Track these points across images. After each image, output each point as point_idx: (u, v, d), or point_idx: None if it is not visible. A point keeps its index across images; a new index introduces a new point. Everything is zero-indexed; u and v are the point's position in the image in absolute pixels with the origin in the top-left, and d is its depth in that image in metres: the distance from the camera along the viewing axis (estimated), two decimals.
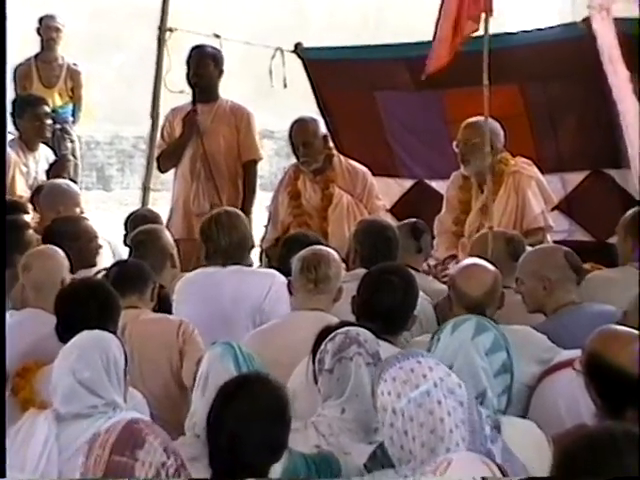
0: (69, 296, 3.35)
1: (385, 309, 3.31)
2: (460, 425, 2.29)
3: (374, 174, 5.41)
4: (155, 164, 5.69)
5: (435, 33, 4.16)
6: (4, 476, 2.72)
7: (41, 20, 7.08)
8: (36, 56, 7.16)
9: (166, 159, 5.61)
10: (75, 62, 7.25)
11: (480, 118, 4.86)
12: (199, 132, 5.48)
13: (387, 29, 8.57)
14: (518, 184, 4.96)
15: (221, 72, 5.58)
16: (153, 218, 4.85)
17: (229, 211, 4.27)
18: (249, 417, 2.37)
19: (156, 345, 3.51)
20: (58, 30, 7.07)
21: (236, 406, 2.39)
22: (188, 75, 5.55)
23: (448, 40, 4.09)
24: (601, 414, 2.53)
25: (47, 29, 7.03)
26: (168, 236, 4.29)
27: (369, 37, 6.64)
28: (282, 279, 3.94)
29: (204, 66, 5.50)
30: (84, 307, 3.23)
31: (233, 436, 2.35)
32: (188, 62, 5.56)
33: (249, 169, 5.60)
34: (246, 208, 5.48)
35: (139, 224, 4.46)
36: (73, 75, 7.15)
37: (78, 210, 5.02)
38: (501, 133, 4.79)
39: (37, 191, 5.26)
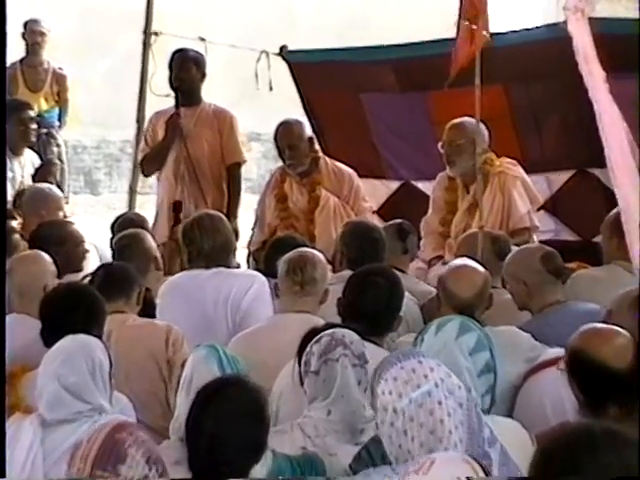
0: (54, 301, 3.34)
1: (370, 310, 3.32)
2: (459, 426, 2.30)
3: (360, 176, 5.42)
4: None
5: (457, 33, 4.14)
6: (4, 476, 2.72)
7: (26, 24, 7.06)
8: (21, 60, 7.14)
9: (149, 163, 5.60)
10: (61, 66, 7.23)
11: (465, 119, 4.87)
12: (182, 135, 5.48)
13: (373, 31, 8.57)
14: (504, 184, 4.98)
15: (204, 75, 5.57)
16: (140, 222, 4.84)
17: (211, 214, 4.27)
18: (227, 419, 2.38)
19: (143, 351, 3.50)
20: (43, 34, 7.05)
21: (214, 408, 2.40)
22: (170, 79, 5.55)
23: (467, 42, 4.09)
24: (583, 410, 2.55)
25: (32, 33, 7.02)
26: (151, 239, 4.30)
27: (355, 39, 6.64)
28: (263, 279, 3.95)
29: (186, 70, 5.49)
30: (69, 312, 3.22)
31: (212, 438, 2.37)
32: (170, 66, 5.55)
33: (233, 172, 5.60)
34: (232, 211, 5.49)
35: (126, 228, 4.46)
36: (59, 79, 7.14)
37: (61, 214, 5.01)
38: (486, 133, 4.81)
39: (19, 195, 5.24)
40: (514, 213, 4.94)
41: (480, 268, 3.52)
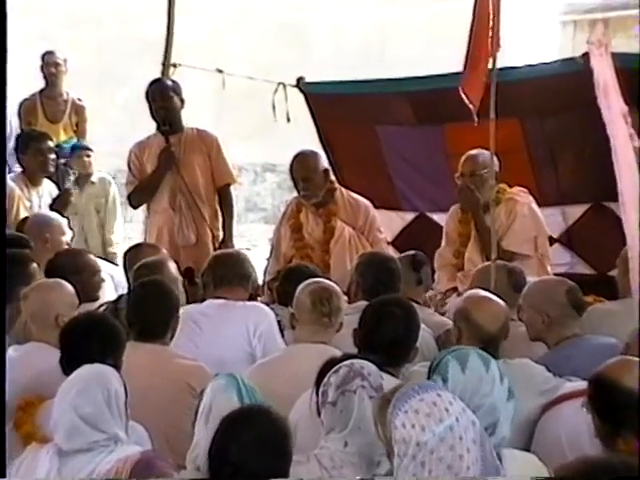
0: (71, 330, 3.35)
1: (387, 341, 3.31)
2: (475, 463, 2.29)
3: (376, 207, 5.43)
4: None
5: (466, 61, 4.14)
6: (4, 476, 2.72)
7: (43, 57, 7.15)
8: (41, 92, 7.21)
9: (140, 195, 5.59)
10: (80, 97, 7.30)
11: (481, 151, 4.88)
12: (176, 164, 5.51)
13: (389, 64, 8.63)
14: (511, 210, 5.00)
15: (183, 102, 5.59)
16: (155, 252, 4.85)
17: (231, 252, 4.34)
18: (251, 448, 2.38)
19: (172, 385, 3.48)
20: (58, 65, 7.12)
21: (239, 437, 2.40)
22: (152, 110, 5.55)
23: (483, 72, 4.10)
24: (601, 440, 2.55)
25: (47, 65, 7.09)
26: (172, 271, 4.31)
27: (371, 72, 6.69)
28: (269, 312, 4.01)
29: (169, 98, 5.51)
30: (84, 341, 3.22)
31: (235, 466, 2.36)
32: (148, 96, 5.55)
33: (224, 193, 5.60)
34: (227, 233, 5.53)
35: (142, 259, 4.46)
36: (78, 110, 7.20)
37: (64, 239, 5.02)
38: (497, 164, 4.82)
39: (22, 223, 5.25)
40: (510, 236, 4.94)
41: (500, 300, 3.53)
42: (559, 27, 9.34)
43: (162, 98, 5.51)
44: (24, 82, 6.95)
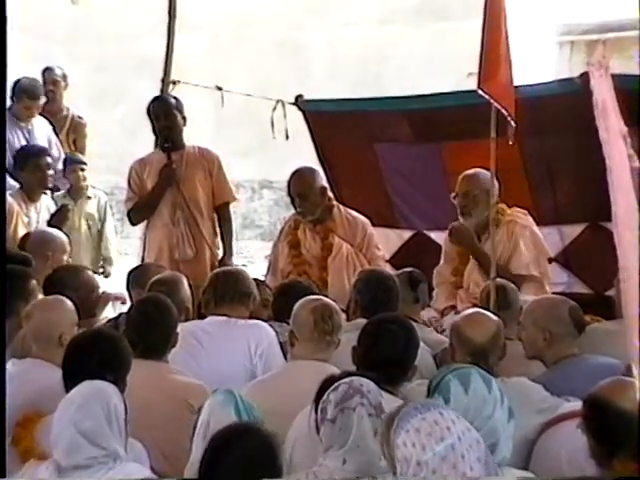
0: (71, 347, 3.35)
1: (386, 359, 3.32)
2: None
3: (373, 224, 5.44)
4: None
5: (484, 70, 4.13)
6: (4, 476, 2.72)
7: (43, 73, 7.15)
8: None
9: (140, 211, 5.61)
10: (80, 115, 7.31)
11: (478, 170, 4.90)
12: (176, 181, 5.52)
13: (387, 82, 8.66)
14: (512, 232, 5.01)
15: (185, 119, 5.61)
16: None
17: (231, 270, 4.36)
18: (239, 466, 2.38)
19: (171, 402, 3.48)
20: (55, 82, 7.12)
21: (226, 455, 2.41)
22: (154, 127, 5.58)
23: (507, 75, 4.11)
24: (596, 460, 2.55)
25: (45, 82, 7.11)
26: (187, 289, 4.33)
27: (369, 90, 6.72)
28: (270, 330, 4.02)
29: (172, 117, 5.53)
30: (83, 358, 3.22)
31: None
32: (150, 113, 5.57)
33: (223, 212, 5.63)
34: (226, 251, 5.54)
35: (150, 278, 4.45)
36: (77, 127, 7.20)
37: (66, 257, 5.03)
38: (496, 184, 4.84)
39: (24, 239, 5.26)
40: (515, 260, 4.95)
41: (493, 316, 3.54)
42: (556, 48, 9.39)
43: (166, 117, 5.53)
44: None
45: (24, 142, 6.55)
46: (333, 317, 3.61)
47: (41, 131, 6.61)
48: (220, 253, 5.59)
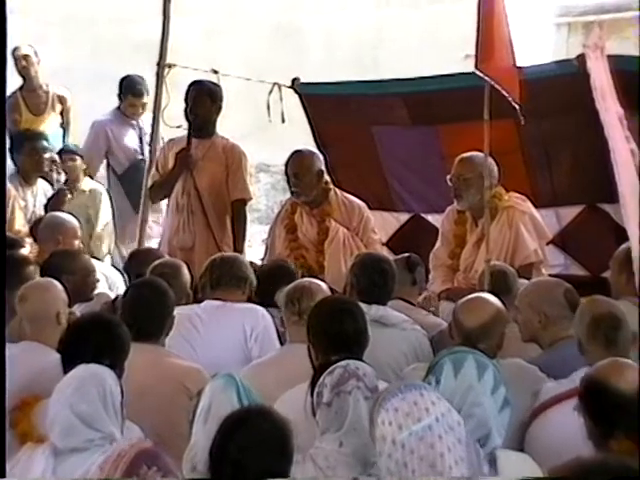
0: (67, 331, 3.35)
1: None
2: (459, 462, 2.29)
3: (370, 208, 5.44)
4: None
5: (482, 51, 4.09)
6: (4, 476, 2.73)
7: (13, 53, 7.08)
8: (21, 88, 7.17)
9: (157, 190, 5.62)
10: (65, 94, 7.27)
11: (474, 153, 4.90)
12: (190, 168, 5.50)
13: (383, 65, 8.63)
14: (512, 219, 4.99)
15: (219, 108, 5.60)
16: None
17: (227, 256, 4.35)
18: (252, 448, 2.39)
19: (168, 385, 3.48)
20: (26, 57, 7.07)
21: (239, 437, 2.41)
22: (186, 111, 5.59)
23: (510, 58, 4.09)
24: (593, 440, 2.57)
25: (17, 60, 7.06)
26: (188, 274, 4.33)
27: (365, 73, 6.70)
28: (264, 313, 4.03)
29: (201, 103, 5.52)
30: (79, 342, 3.21)
31: (236, 466, 2.37)
32: (186, 98, 5.60)
33: (237, 208, 5.57)
34: (238, 247, 5.49)
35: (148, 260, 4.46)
36: (61, 99, 7.17)
37: (77, 242, 5.04)
38: (495, 168, 4.83)
39: (36, 223, 5.28)
40: (521, 249, 4.94)
41: (494, 302, 3.53)
42: (553, 29, 9.37)
43: (194, 102, 5.51)
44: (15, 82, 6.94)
45: (136, 138, 6.53)
46: (302, 299, 3.63)
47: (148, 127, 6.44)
48: (227, 249, 5.49)
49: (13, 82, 6.94)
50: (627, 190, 2.27)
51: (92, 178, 6.49)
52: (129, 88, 6.61)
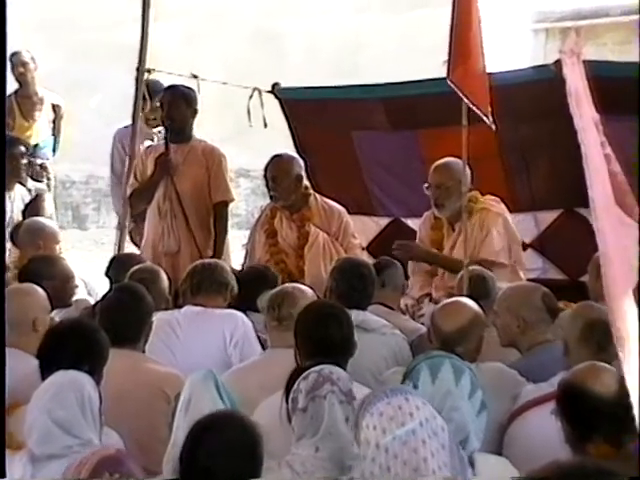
0: (46, 337, 3.33)
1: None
2: (442, 467, 2.30)
3: (350, 212, 5.45)
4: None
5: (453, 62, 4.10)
6: (4, 476, 2.71)
7: (11, 58, 7.09)
8: (15, 92, 7.18)
9: (137, 198, 5.60)
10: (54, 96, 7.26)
11: (449, 160, 4.93)
12: (170, 173, 5.49)
13: (363, 70, 8.66)
14: (484, 221, 5.02)
15: (195, 112, 5.59)
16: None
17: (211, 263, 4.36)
18: (221, 453, 2.39)
19: (146, 391, 3.48)
20: (25, 64, 7.08)
21: (208, 442, 2.41)
22: (162, 116, 5.58)
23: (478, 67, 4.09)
24: (570, 444, 2.58)
25: (15, 66, 7.06)
26: (166, 280, 4.33)
27: (345, 78, 6.71)
28: (244, 318, 4.03)
29: (176, 108, 5.51)
30: (58, 349, 3.20)
31: (206, 472, 2.37)
32: (162, 103, 5.58)
33: (219, 210, 5.57)
34: (217, 249, 5.49)
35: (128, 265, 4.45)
36: (54, 107, 7.17)
37: (58, 247, 5.01)
38: (468, 173, 4.85)
39: (16, 228, 5.25)
40: (487, 246, 4.97)
41: (471, 306, 3.55)
42: (531, 35, 9.44)
43: (170, 106, 5.49)
44: None
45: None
46: (283, 305, 3.64)
47: None
48: (210, 253, 5.49)
49: (8, 86, 6.91)
50: (598, 195, 2.28)
51: None
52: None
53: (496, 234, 5.00)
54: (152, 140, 6.21)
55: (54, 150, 7.32)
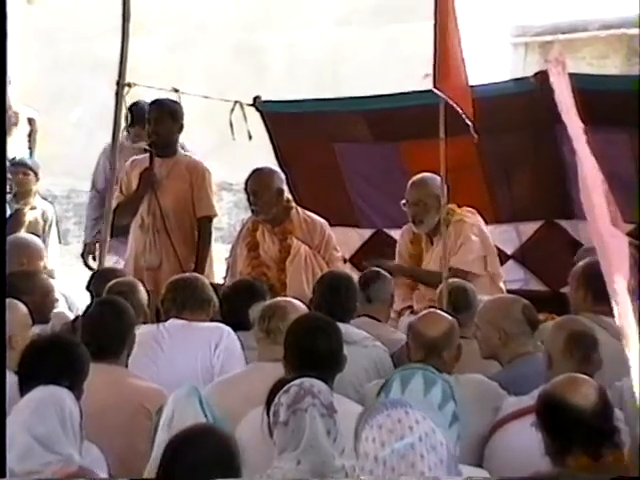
0: (25, 353, 3.30)
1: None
2: None
3: (333, 224, 5.45)
4: (112, 217, 5.65)
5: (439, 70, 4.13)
6: (4, 476, 2.69)
7: None
8: None
9: (121, 212, 5.58)
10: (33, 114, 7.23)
11: (425, 175, 4.97)
12: (154, 187, 5.49)
13: (344, 83, 8.68)
14: (460, 231, 5.05)
15: (181, 127, 5.57)
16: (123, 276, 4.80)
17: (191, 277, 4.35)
18: (196, 468, 2.38)
19: (127, 406, 3.45)
20: None
21: (183, 458, 2.40)
22: (147, 131, 5.57)
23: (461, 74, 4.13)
24: (550, 456, 2.58)
25: None
26: (144, 292, 4.31)
27: (326, 91, 6.73)
28: (229, 331, 4.02)
29: (162, 123, 5.49)
30: (37, 364, 3.17)
31: None
32: (148, 118, 5.57)
33: (203, 225, 5.55)
34: (199, 264, 5.46)
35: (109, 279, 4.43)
36: (30, 121, 7.12)
37: (42, 264, 4.97)
38: (444, 186, 4.86)
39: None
40: (461, 255, 4.99)
41: (448, 316, 3.60)
42: (511, 49, 9.51)
43: (155, 121, 5.47)
44: None
45: None
46: (273, 318, 3.63)
47: None
48: (192, 267, 5.46)
49: None
50: (596, 208, 2.27)
51: None
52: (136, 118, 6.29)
53: (470, 244, 5.02)
54: (139, 153, 6.23)
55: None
